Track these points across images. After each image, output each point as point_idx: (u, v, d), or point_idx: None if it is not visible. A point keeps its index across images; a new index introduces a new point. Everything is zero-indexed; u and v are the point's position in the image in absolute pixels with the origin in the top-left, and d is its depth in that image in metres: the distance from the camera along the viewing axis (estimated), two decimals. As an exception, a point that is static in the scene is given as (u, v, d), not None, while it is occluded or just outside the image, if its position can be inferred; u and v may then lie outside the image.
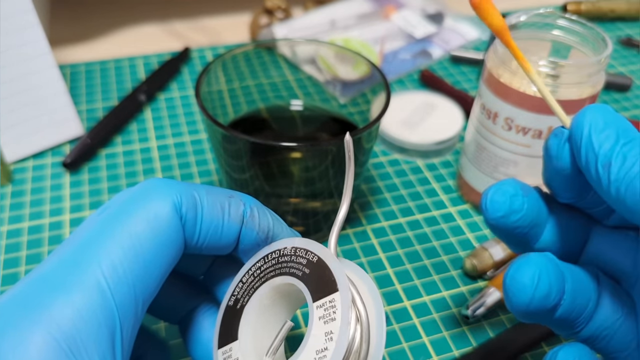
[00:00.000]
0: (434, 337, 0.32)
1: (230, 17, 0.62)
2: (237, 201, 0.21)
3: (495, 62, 0.34)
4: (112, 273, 0.17)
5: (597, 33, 0.33)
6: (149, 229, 0.18)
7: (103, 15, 0.60)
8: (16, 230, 0.37)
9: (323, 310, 0.19)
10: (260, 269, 0.21)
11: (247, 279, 0.21)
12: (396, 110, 0.46)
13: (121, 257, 0.17)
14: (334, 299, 0.18)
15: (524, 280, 0.20)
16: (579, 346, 0.21)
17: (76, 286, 0.16)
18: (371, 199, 0.40)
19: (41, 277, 0.17)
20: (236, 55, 0.36)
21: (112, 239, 0.17)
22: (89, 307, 0.16)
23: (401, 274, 0.35)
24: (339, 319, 0.18)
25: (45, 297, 0.16)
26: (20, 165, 0.42)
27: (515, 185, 0.22)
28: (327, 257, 0.19)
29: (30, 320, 0.15)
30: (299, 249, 0.20)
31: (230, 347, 0.20)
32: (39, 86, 0.40)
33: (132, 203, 0.18)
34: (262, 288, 0.20)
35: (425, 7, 0.61)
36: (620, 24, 0.64)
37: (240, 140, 0.30)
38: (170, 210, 0.19)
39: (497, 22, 0.22)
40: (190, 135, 0.45)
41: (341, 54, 0.38)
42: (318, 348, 0.18)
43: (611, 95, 0.53)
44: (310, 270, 0.19)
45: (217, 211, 0.20)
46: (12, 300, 0.16)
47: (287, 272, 0.20)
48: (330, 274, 0.19)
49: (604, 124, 0.19)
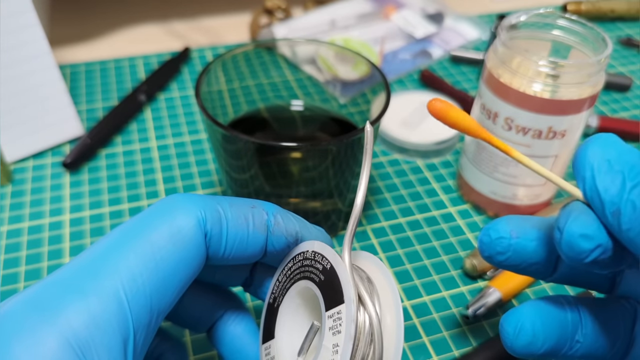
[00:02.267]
0: (434, 337, 0.32)
1: (230, 17, 0.62)
2: (260, 211, 0.21)
3: (495, 62, 0.34)
4: (130, 283, 0.17)
5: (597, 33, 0.33)
6: (172, 244, 0.18)
7: (103, 15, 0.60)
8: (16, 230, 0.37)
9: (332, 321, 0.18)
10: (290, 270, 0.21)
11: (281, 279, 0.21)
12: (396, 110, 0.46)
13: (141, 268, 0.17)
14: (341, 311, 0.18)
15: (508, 329, 0.22)
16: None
17: (93, 292, 0.16)
18: (371, 199, 0.40)
19: (59, 280, 0.17)
20: (236, 55, 0.36)
21: (134, 250, 0.17)
22: (105, 314, 0.16)
23: (401, 274, 0.35)
24: (343, 333, 0.18)
25: (61, 300, 0.16)
26: (20, 165, 0.42)
27: (505, 226, 0.22)
28: (337, 265, 0.19)
29: (46, 322, 0.15)
30: (317, 254, 0.20)
31: (269, 344, 0.21)
32: (39, 86, 0.40)
33: (155, 217, 0.18)
34: (292, 289, 0.21)
35: (425, 7, 0.61)
36: (620, 24, 0.64)
37: (241, 140, 0.30)
38: (194, 225, 0.18)
39: (468, 125, 0.21)
40: (190, 135, 0.45)
41: (341, 54, 0.38)
42: (327, 359, 0.18)
43: (611, 95, 0.53)
44: (324, 277, 0.19)
45: (241, 223, 0.20)
46: (28, 301, 0.16)
47: (308, 277, 0.20)
48: (339, 284, 0.18)
49: (607, 164, 0.17)
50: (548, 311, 0.22)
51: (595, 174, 0.17)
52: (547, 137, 0.33)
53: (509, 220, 0.23)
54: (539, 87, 0.32)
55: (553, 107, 0.32)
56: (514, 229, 0.22)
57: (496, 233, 0.22)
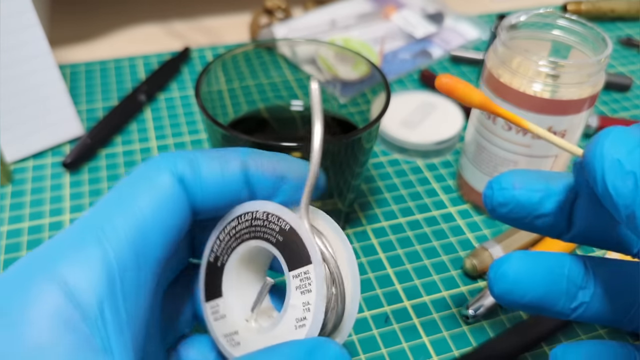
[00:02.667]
0: (434, 337, 0.32)
1: (230, 17, 0.62)
2: (233, 151, 0.21)
3: (495, 62, 0.34)
4: (105, 224, 0.17)
5: (597, 33, 0.33)
6: (141, 189, 0.18)
7: (103, 15, 0.60)
8: (16, 230, 0.37)
9: (299, 280, 0.19)
10: (235, 229, 0.21)
11: (223, 237, 0.21)
12: (396, 110, 0.46)
13: (113, 209, 0.17)
14: (308, 271, 0.19)
15: (490, 273, 0.22)
16: (588, 344, 0.21)
17: (76, 239, 0.17)
18: (371, 199, 0.40)
19: (51, 240, 0.17)
20: (236, 55, 0.36)
21: (106, 198, 0.18)
22: (84, 246, 0.16)
23: (401, 274, 0.35)
24: (314, 291, 0.19)
25: (50, 253, 0.16)
26: (20, 165, 0.42)
27: (509, 177, 0.22)
28: (298, 227, 0.19)
29: (36, 272, 0.16)
30: (270, 215, 0.20)
31: (216, 302, 0.21)
32: (39, 86, 0.40)
33: (129, 176, 0.19)
34: (239, 248, 0.21)
35: (425, 7, 0.61)
36: (620, 24, 0.64)
37: (241, 140, 0.30)
38: (165, 170, 0.19)
39: (477, 98, 0.21)
40: (190, 135, 0.45)
41: (341, 54, 0.38)
42: (297, 317, 0.19)
43: (611, 95, 0.53)
44: (283, 238, 0.20)
45: (212, 161, 0.20)
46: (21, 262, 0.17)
47: (262, 237, 0.20)
48: (303, 245, 0.19)
49: (618, 164, 0.16)
50: (540, 262, 0.21)
51: (605, 175, 0.17)
52: (547, 137, 0.33)
53: (514, 172, 0.22)
54: (539, 87, 0.32)
55: (553, 107, 0.32)
56: (517, 180, 0.22)
57: (498, 184, 0.22)
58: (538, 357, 0.31)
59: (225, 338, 0.21)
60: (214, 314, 0.21)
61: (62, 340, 0.14)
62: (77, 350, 0.15)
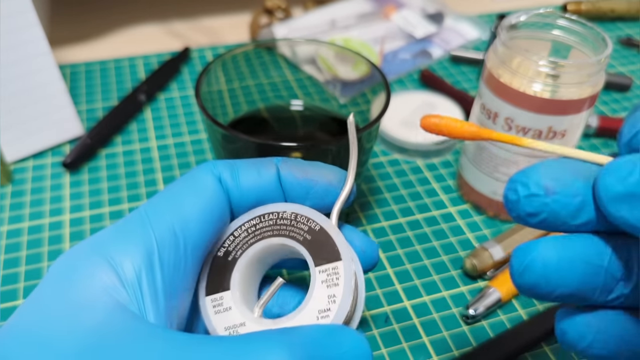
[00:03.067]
0: (434, 337, 0.32)
1: (230, 17, 0.62)
2: (268, 158, 0.23)
3: (495, 62, 0.34)
4: (151, 208, 0.20)
5: (597, 33, 0.33)
6: (187, 186, 0.21)
7: (103, 15, 0.60)
8: (16, 230, 0.37)
9: (326, 275, 0.21)
10: (256, 227, 0.22)
11: (239, 234, 0.22)
12: (396, 110, 0.46)
13: (160, 199, 0.20)
14: (337, 267, 0.21)
15: (514, 263, 0.18)
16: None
17: (126, 224, 0.19)
18: (371, 199, 0.40)
19: (105, 228, 0.20)
20: (236, 55, 0.36)
21: (159, 197, 0.20)
22: (128, 226, 0.19)
23: (401, 274, 0.35)
24: (342, 285, 0.20)
25: (104, 236, 0.19)
26: (20, 165, 0.42)
27: (539, 178, 0.17)
28: (329, 228, 0.22)
29: (91, 251, 0.19)
30: (300, 216, 0.22)
31: (221, 295, 0.22)
32: (39, 86, 0.40)
33: (178, 178, 0.22)
34: (257, 244, 0.22)
35: (425, 7, 0.61)
36: (620, 24, 0.64)
37: (240, 140, 0.30)
38: (206, 171, 0.21)
39: (467, 129, 0.20)
40: (190, 135, 0.45)
41: (341, 54, 0.38)
42: (321, 308, 0.20)
43: (611, 95, 0.53)
44: (312, 237, 0.22)
45: (250, 167, 0.22)
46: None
47: (287, 235, 0.22)
48: (334, 244, 0.21)
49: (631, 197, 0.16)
50: (575, 252, 0.18)
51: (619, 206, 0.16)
52: (547, 137, 0.33)
53: (544, 169, 0.18)
54: (539, 87, 0.32)
55: (553, 107, 0.32)
56: (550, 181, 0.17)
57: (526, 188, 0.17)
58: (538, 357, 0.31)
59: (226, 330, 0.21)
60: (215, 307, 0.22)
61: (103, 298, 0.17)
62: (115, 309, 0.17)
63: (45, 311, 0.17)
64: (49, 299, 0.17)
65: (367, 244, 0.23)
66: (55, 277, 0.18)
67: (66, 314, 0.17)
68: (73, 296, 0.17)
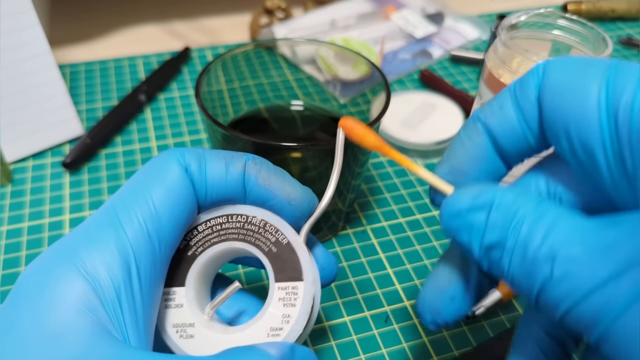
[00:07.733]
0: (433, 337, 0.32)
1: (230, 17, 0.62)
2: (239, 154, 0.22)
3: (495, 62, 0.34)
4: (120, 204, 0.19)
5: (598, 33, 0.33)
6: (154, 177, 0.20)
7: (103, 15, 0.60)
8: (16, 230, 0.37)
9: (284, 293, 0.20)
10: (222, 226, 0.21)
11: (202, 229, 0.22)
12: (396, 110, 0.46)
13: (129, 194, 0.19)
14: (297, 287, 0.20)
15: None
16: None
17: (96, 227, 0.18)
18: (371, 199, 0.40)
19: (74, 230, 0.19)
20: (236, 55, 0.36)
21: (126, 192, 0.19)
22: (100, 231, 0.18)
23: (401, 274, 0.35)
24: (298, 307, 0.20)
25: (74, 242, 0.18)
26: (20, 165, 0.42)
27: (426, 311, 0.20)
28: (296, 244, 0.21)
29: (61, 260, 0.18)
30: (269, 225, 0.21)
31: (174, 290, 0.21)
32: (39, 86, 0.40)
33: (142, 168, 0.20)
34: (220, 245, 0.21)
35: (425, 7, 0.61)
36: (621, 24, 0.64)
37: (241, 140, 0.30)
38: (174, 161, 0.20)
39: (372, 141, 0.21)
40: (190, 135, 0.45)
41: (341, 54, 0.38)
42: (273, 326, 0.20)
43: (611, 95, 0.52)
44: (277, 250, 0.21)
45: (219, 160, 0.21)
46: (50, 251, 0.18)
47: (252, 242, 0.21)
48: (298, 262, 0.21)
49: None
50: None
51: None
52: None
53: (424, 302, 0.20)
54: (539, 87, 0.32)
55: (553, 107, 0.32)
56: (429, 311, 0.20)
57: (429, 319, 0.20)
58: (538, 357, 0.31)
59: (174, 328, 0.21)
60: (167, 301, 0.21)
61: (81, 322, 0.16)
62: (94, 335, 0.16)
63: (19, 345, 0.16)
64: (22, 328, 0.16)
65: (327, 260, 0.23)
66: (26, 295, 0.17)
67: (42, 347, 0.16)
68: (48, 322, 0.16)
